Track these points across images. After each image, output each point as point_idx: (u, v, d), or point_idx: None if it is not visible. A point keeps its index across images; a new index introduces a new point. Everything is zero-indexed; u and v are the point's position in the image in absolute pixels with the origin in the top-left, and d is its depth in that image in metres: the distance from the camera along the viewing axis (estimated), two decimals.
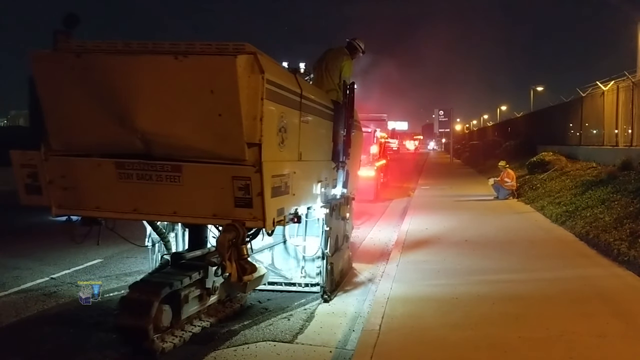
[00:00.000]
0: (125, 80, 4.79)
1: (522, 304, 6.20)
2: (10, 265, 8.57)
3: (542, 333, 5.24)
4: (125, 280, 7.84)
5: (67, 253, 9.42)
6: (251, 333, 5.81)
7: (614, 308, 6.02)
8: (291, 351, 5.36)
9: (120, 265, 8.75)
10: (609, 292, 6.66)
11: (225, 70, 4.55)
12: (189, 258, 5.88)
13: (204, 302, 5.87)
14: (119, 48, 4.89)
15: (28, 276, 7.94)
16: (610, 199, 11.42)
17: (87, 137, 5.08)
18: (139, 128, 4.85)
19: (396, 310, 6.02)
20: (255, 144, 4.69)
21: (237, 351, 5.32)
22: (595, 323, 5.50)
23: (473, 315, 5.80)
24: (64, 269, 8.44)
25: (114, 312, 5.79)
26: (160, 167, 4.94)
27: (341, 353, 5.30)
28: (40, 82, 4.95)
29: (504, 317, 5.76)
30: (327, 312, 6.52)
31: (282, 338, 5.67)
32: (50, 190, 5.24)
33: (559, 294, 6.60)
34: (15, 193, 5.53)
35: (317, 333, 5.84)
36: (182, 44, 4.79)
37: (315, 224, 6.84)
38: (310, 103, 6.04)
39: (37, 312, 6.52)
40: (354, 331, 5.84)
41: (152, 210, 5.22)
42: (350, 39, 7.99)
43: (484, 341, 5.05)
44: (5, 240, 10.45)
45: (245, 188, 4.76)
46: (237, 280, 5.06)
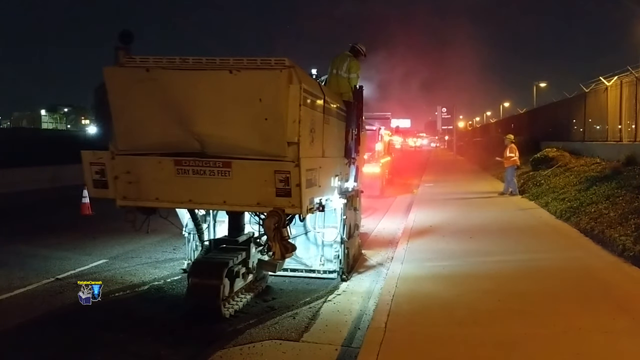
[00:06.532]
0: (187, 91, 5.65)
1: (527, 299, 6.20)
2: (15, 266, 8.62)
3: (548, 329, 5.23)
4: (130, 280, 7.87)
5: (72, 253, 9.49)
6: (257, 332, 5.83)
7: (620, 304, 6.01)
8: (297, 349, 5.37)
9: (125, 266, 8.77)
10: (614, 288, 6.65)
11: (272, 82, 5.46)
12: (230, 242, 6.87)
13: (246, 279, 6.85)
14: (177, 63, 5.71)
15: (33, 277, 7.97)
16: (614, 194, 11.38)
17: (150, 139, 5.90)
18: (196, 131, 5.71)
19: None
20: (294, 142, 5.56)
21: (243, 350, 5.34)
22: (601, 319, 5.50)
23: (478, 307, 5.85)
24: (69, 269, 8.48)
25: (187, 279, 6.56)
26: (213, 164, 5.79)
27: (347, 351, 5.30)
28: (111, 93, 5.78)
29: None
30: (332, 311, 6.54)
31: (288, 336, 5.69)
32: (116, 184, 6.06)
33: (564, 289, 6.60)
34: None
35: (323, 331, 5.86)
36: (231, 59, 5.65)
37: (332, 214, 7.70)
38: (330, 106, 6.95)
39: (43, 313, 6.55)
40: (359, 329, 5.85)
41: (205, 200, 6.07)
42: (352, 44, 8.72)
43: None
44: (9, 241, 10.47)
45: (285, 180, 5.62)
46: (280, 258, 5.98)
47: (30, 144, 32.33)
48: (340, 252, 7.78)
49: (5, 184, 18.84)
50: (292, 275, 7.93)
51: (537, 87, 43.62)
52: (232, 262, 6.33)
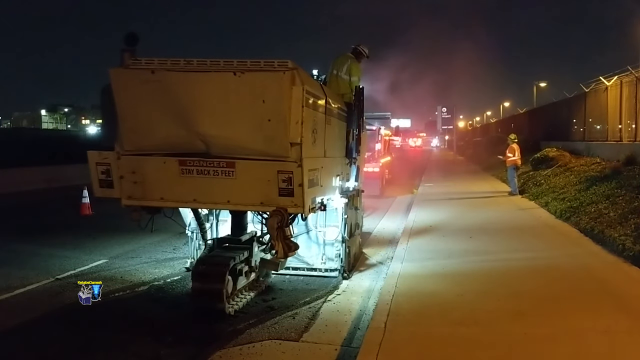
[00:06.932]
0: (192, 92, 5.72)
1: (526, 299, 6.20)
2: (15, 265, 8.61)
3: (548, 329, 5.23)
4: (130, 280, 7.87)
5: (72, 253, 9.48)
6: (256, 332, 5.83)
7: (620, 304, 6.02)
8: (297, 349, 5.37)
9: (125, 266, 8.77)
10: (614, 288, 6.65)
11: (275, 84, 5.54)
12: (233, 241, 6.98)
13: (249, 277, 6.96)
14: (182, 65, 5.80)
15: (33, 277, 7.96)
16: (614, 194, 11.38)
17: (155, 139, 5.98)
18: (201, 131, 5.78)
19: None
20: (297, 143, 5.65)
21: (243, 350, 5.34)
22: (600, 319, 5.49)
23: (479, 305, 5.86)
24: (69, 269, 8.47)
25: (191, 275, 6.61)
26: (217, 164, 5.89)
27: (347, 351, 5.30)
28: (117, 94, 5.85)
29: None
30: (332, 310, 6.54)
31: (288, 336, 5.69)
32: (122, 184, 6.15)
33: (563, 289, 6.60)
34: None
35: (323, 331, 5.86)
36: (235, 62, 5.73)
37: (334, 214, 7.81)
38: (332, 107, 7.04)
39: (42, 313, 6.55)
40: (359, 329, 5.85)
41: (209, 199, 6.17)
42: (355, 45, 8.77)
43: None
44: (9, 241, 10.48)
45: (288, 180, 5.72)
46: (283, 256, 6.08)
47: (30, 144, 32.36)
48: (342, 250, 7.89)
49: (5, 184, 18.85)
50: (294, 274, 8.00)
51: (537, 87, 43.56)
52: (235, 260, 6.41)
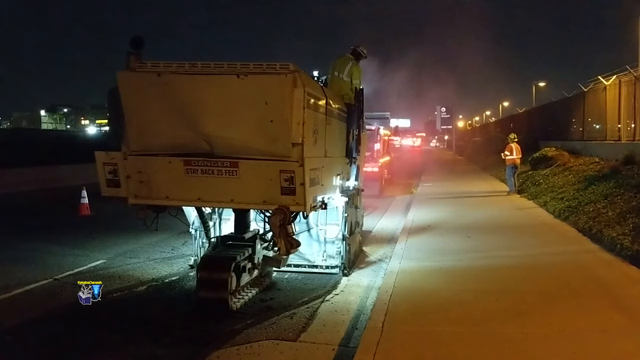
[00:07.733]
0: (196, 95, 5.90)
1: (524, 298, 6.21)
2: (14, 265, 8.61)
3: (545, 328, 5.23)
4: (128, 280, 7.87)
5: (70, 253, 9.49)
6: (254, 332, 5.83)
7: (617, 303, 6.02)
8: (294, 349, 5.37)
9: (124, 266, 8.78)
10: (612, 287, 6.66)
11: (277, 86, 5.73)
12: (236, 239, 7.12)
13: (252, 274, 7.09)
14: (187, 68, 5.97)
15: (31, 277, 7.96)
16: (613, 193, 11.39)
17: (161, 140, 6.15)
18: (205, 132, 5.95)
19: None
20: (299, 143, 5.83)
21: (240, 350, 5.34)
22: (597, 318, 5.51)
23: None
24: (68, 269, 8.48)
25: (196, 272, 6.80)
26: (221, 164, 6.06)
27: (344, 351, 5.31)
28: (124, 96, 6.02)
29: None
30: (330, 310, 6.55)
31: (285, 336, 5.69)
32: (128, 183, 6.33)
33: (561, 288, 6.61)
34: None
35: (320, 331, 5.86)
36: (238, 64, 5.91)
37: (334, 212, 7.96)
38: (332, 108, 7.20)
39: (41, 313, 6.56)
40: (357, 329, 5.86)
41: (213, 198, 6.38)
42: (354, 46, 8.98)
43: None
44: (8, 241, 10.47)
45: (290, 179, 5.89)
46: (285, 253, 6.30)
47: (30, 145, 32.37)
48: (342, 248, 8.05)
49: (5, 184, 18.86)
50: (295, 271, 8.14)
51: (536, 87, 43.52)
52: (239, 257, 6.56)
